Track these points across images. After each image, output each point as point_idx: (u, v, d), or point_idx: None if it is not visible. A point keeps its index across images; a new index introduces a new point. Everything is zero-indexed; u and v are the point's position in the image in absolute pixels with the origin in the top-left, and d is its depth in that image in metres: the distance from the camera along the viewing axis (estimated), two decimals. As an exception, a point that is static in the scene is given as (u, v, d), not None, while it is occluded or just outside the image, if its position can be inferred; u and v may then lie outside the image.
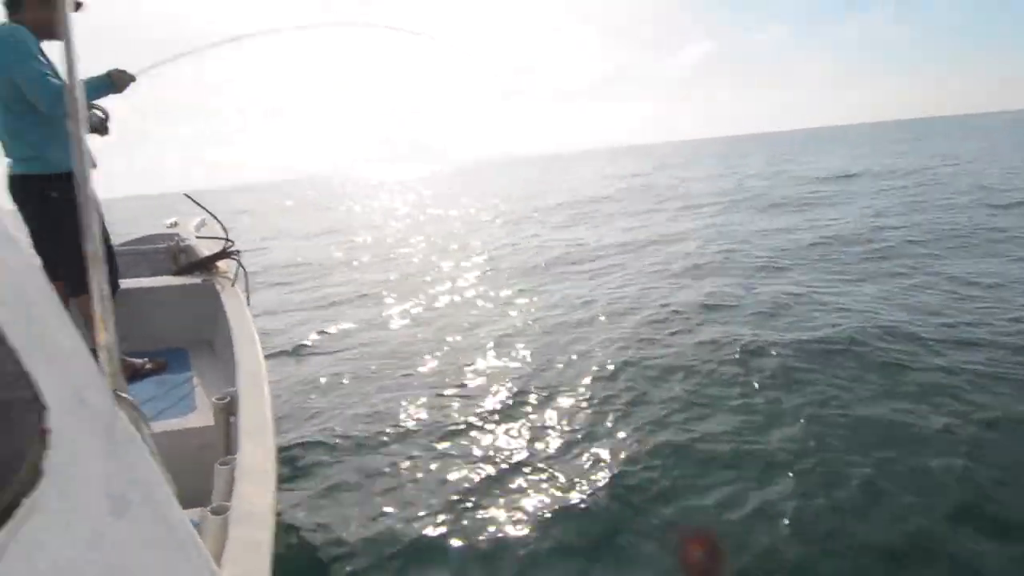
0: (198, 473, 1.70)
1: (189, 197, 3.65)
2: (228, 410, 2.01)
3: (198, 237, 3.89)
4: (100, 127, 2.69)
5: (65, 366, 0.84)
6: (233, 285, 3.18)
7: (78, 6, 2.58)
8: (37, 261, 0.87)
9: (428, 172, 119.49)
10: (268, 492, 1.53)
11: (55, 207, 2.44)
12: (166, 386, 2.69)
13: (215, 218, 3.57)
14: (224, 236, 3.38)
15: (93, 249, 1.29)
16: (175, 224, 4.30)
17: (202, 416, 2.38)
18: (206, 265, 3.37)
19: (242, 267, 3.27)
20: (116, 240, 3.57)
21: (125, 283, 3.05)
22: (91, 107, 2.65)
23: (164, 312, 3.15)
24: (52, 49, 2.60)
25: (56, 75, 2.51)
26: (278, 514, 1.61)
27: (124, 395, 0.98)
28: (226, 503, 1.45)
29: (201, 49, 3.21)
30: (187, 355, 3.06)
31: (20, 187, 2.51)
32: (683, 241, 9.41)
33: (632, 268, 7.80)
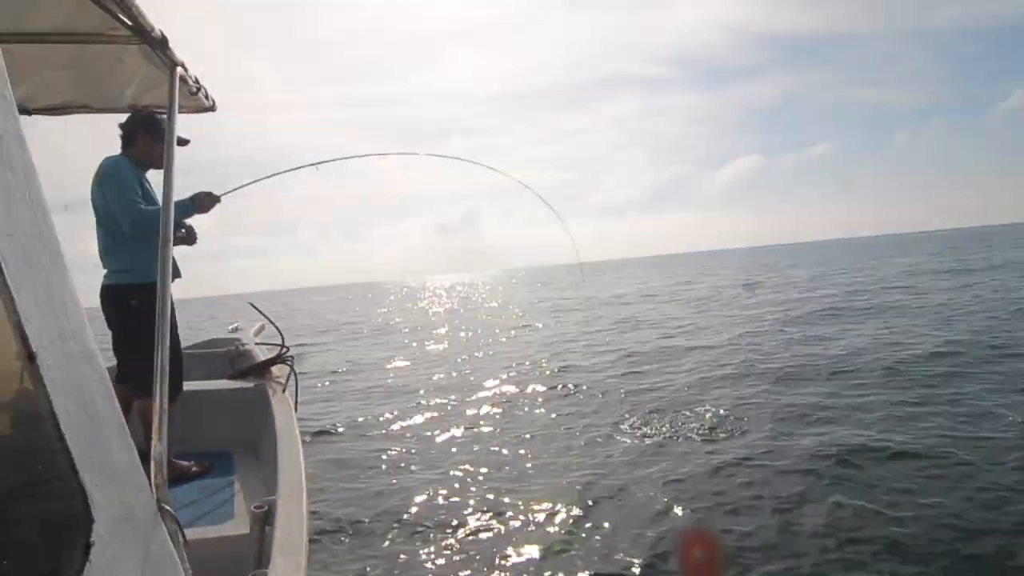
0: None
1: (253, 306, 3.83)
2: (265, 520, 2.00)
3: (257, 343, 4.04)
4: (187, 240, 2.98)
5: (118, 479, 0.87)
6: (284, 391, 3.23)
7: (184, 142, 2.94)
8: (107, 376, 0.93)
9: (480, 278, 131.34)
10: None
11: (134, 315, 2.64)
12: (208, 490, 2.71)
13: (273, 325, 3.70)
14: (280, 343, 3.49)
15: (161, 364, 1.39)
16: (237, 329, 4.49)
17: (239, 524, 2.37)
18: (260, 370, 3.46)
19: (294, 373, 3.33)
20: (184, 343, 3.77)
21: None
22: (179, 226, 2.91)
23: (215, 415, 3.22)
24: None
25: (153, 201, 2.82)
26: None
27: (167, 507, 1.01)
28: None
29: (280, 173, 3.50)
30: (232, 458, 3.09)
31: (108, 296, 2.77)
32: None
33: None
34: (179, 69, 1.83)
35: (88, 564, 0.77)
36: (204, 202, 2.85)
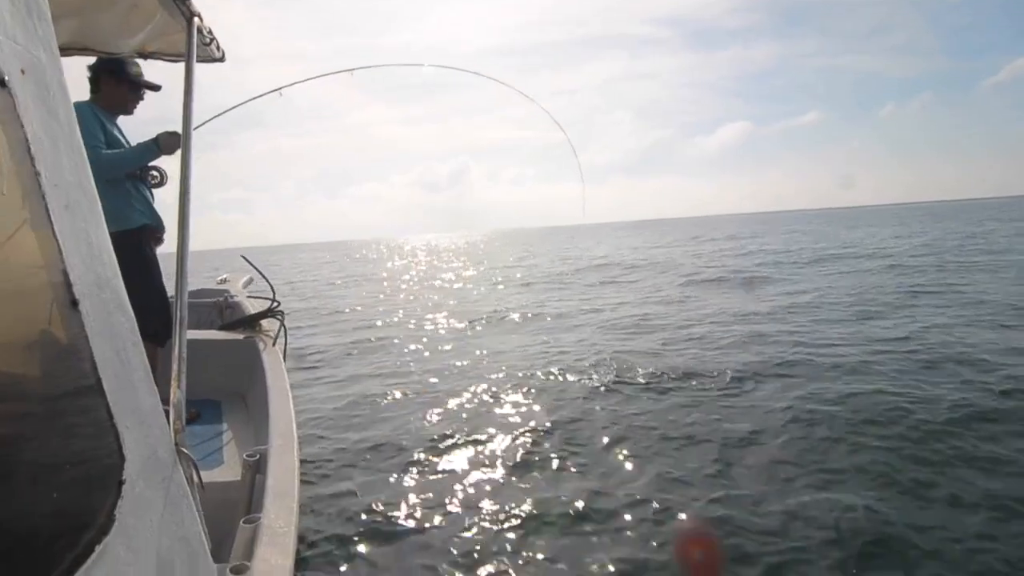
0: (218, 528, 1.70)
1: (245, 259, 3.82)
2: (256, 468, 2.03)
3: (249, 296, 4.06)
4: (162, 182, 2.94)
5: (144, 422, 0.91)
6: (274, 344, 3.26)
7: (156, 88, 2.88)
8: (135, 324, 0.94)
9: (467, 237, 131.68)
10: (288, 556, 1.52)
11: None
12: (198, 438, 2.72)
13: (264, 278, 3.69)
14: (271, 296, 3.49)
15: (181, 314, 1.40)
16: (225, 280, 4.49)
17: (229, 471, 2.38)
18: (250, 323, 3.47)
19: (284, 327, 3.34)
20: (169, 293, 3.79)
21: None
22: (150, 168, 2.87)
23: (204, 365, 3.17)
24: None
25: (119, 146, 2.76)
26: None
27: (185, 450, 1.05)
28: (247, 563, 1.46)
29: (246, 102, 3.28)
30: (220, 407, 3.11)
31: None
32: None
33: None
34: (195, 19, 1.79)
35: (120, 500, 0.81)
36: (169, 142, 2.73)
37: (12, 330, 0.74)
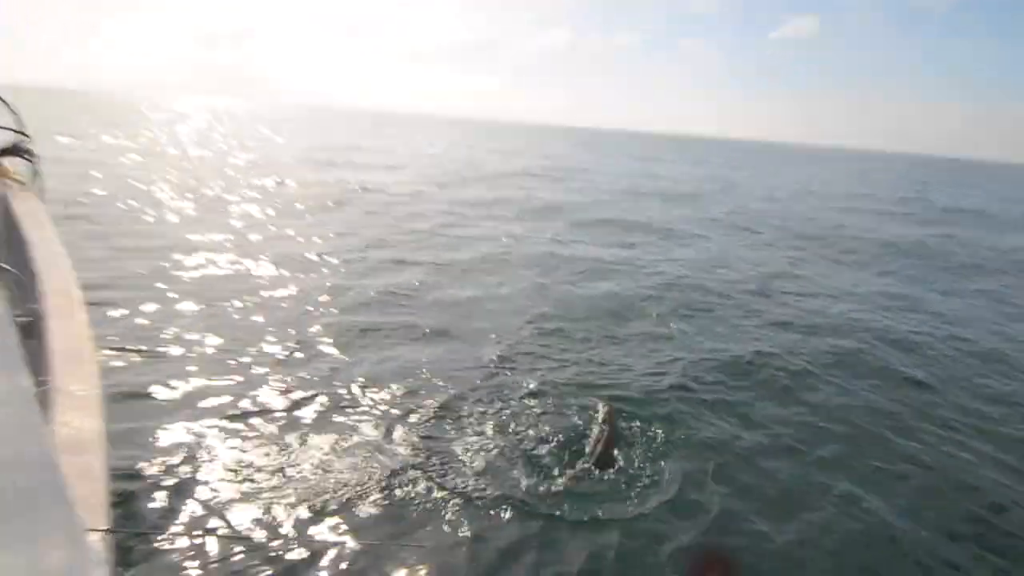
0: None
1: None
2: (26, 333, 1.67)
3: None
4: None
5: None
6: (28, 190, 2.64)
7: None
8: None
9: (245, 107, 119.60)
10: (96, 418, 1.30)
11: None
12: None
13: (7, 106, 2.87)
14: (20, 129, 2.76)
15: None
16: None
17: None
18: None
19: (38, 169, 2.71)
20: None
21: None
22: None
23: None
24: None
25: None
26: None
27: None
28: None
29: None
30: None
31: None
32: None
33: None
34: None
35: None
36: None
37: None
